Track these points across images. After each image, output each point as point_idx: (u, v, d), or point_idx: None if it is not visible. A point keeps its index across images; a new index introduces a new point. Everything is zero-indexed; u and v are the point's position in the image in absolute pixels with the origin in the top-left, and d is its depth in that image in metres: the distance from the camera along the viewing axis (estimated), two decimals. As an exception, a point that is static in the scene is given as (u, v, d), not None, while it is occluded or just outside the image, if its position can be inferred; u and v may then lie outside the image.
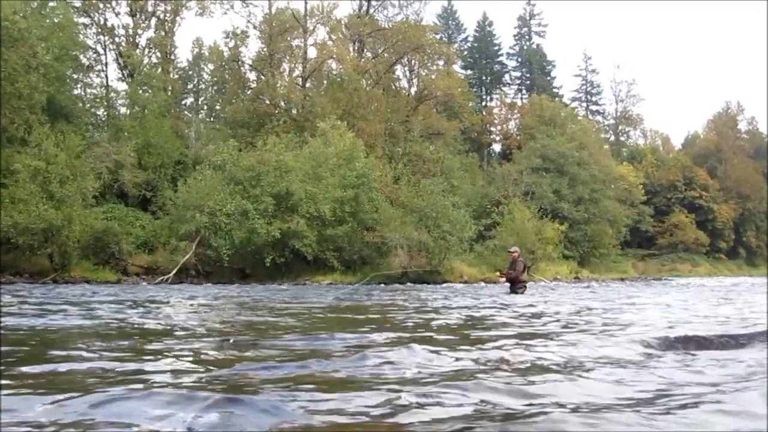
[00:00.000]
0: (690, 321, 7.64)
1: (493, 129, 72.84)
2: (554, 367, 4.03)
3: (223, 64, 53.59)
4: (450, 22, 76.32)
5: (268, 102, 49.49)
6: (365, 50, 54.43)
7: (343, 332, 6.03)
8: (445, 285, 32.60)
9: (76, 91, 44.13)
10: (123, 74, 46.82)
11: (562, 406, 2.84)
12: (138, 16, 47.73)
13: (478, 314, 9.26)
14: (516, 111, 72.95)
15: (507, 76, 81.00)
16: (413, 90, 58.36)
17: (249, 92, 51.86)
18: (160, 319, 8.33)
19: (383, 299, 15.12)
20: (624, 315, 8.83)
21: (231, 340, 5.46)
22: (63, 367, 4.02)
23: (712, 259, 77.38)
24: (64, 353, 4.67)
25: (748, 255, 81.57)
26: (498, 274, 19.08)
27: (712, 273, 69.31)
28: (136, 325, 7.34)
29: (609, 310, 10.14)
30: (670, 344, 5.18)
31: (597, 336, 5.72)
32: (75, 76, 43.82)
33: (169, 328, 6.97)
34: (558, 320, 7.89)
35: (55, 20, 39.98)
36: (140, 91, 44.82)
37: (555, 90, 77.95)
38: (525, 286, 17.85)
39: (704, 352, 4.81)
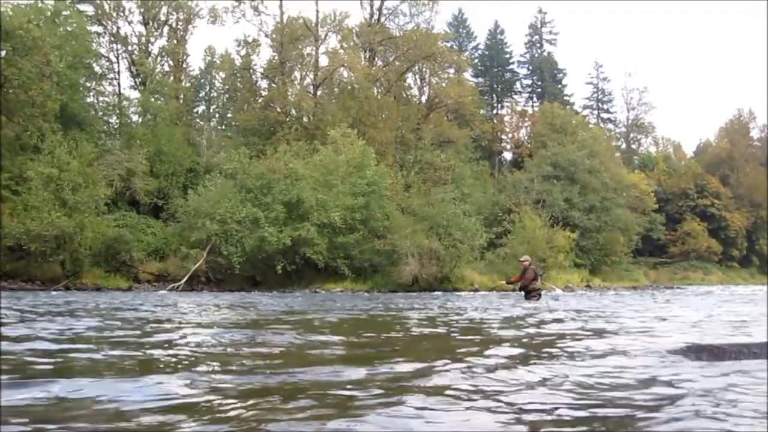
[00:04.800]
0: None
1: (504, 137, 72.72)
2: None
3: (235, 72, 53.88)
4: (461, 30, 76.31)
5: (279, 110, 49.64)
6: (376, 58, 54.53)
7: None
8: (468, 293, 32.47)
9: (88, 99, 44.45)
10: (135, 82, 47.09)
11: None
12: (150, 24, 48.02)
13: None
14: (527, 119, 72.83)
15: (518, 84, 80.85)
16: (424, 98, 58.46)
17: (260, 100, 52.06)
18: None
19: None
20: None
21: None
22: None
23: (725, 267, 76.82)
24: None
25: (761, 263, 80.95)
26: (504, 282, 19.32)
27: (724, 281, 68.79)
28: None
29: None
30: None
31: None
32: (88, 84, 44.18)
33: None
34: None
35: (69, 29, 40.28)
36: (152, 99, 45.01)
37: (566, 98, 77.75)
38: (539, 294, 17.89)
39: None
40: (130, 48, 47.39)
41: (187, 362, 4.80)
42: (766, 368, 4.25)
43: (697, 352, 5.14)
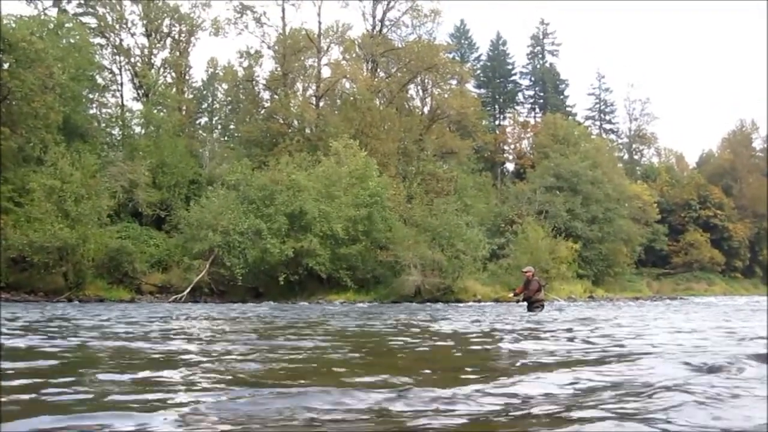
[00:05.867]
0: None
1: (506, 148, 72.76)
2: None
3: (238, 83, 54.03)
4: (463, 41, 76.45)
5: (281, 121, 49.72)
6: (378, 70, 54.64)
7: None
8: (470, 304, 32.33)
9: (91, 111, 44.56)
10: (138, 94, 47.25)
11: None
12: (153, 36, 48.22)
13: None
14: (529, 130, 72.82)
15: (520, 95, 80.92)
16: (426, 109, 58.48)
17: (263, 111, 52.14)
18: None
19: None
20: None
21: None
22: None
23: (728, 278, 76.60)
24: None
25: (764, 274, 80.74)
26: (511, 295, 19.44)
27: (727, 292, 68.60)
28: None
29: None
30: None
31: None
32: (91, 96, 44.27)
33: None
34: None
35: (72, 41, 40.42)
36: (155, 111, 45.11)
37: (568, 109, 77.75)
38: (542, 306, 17.83)
39: None
40: (132, 60, 47.58)
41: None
42: (766, 374, 4.35)
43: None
